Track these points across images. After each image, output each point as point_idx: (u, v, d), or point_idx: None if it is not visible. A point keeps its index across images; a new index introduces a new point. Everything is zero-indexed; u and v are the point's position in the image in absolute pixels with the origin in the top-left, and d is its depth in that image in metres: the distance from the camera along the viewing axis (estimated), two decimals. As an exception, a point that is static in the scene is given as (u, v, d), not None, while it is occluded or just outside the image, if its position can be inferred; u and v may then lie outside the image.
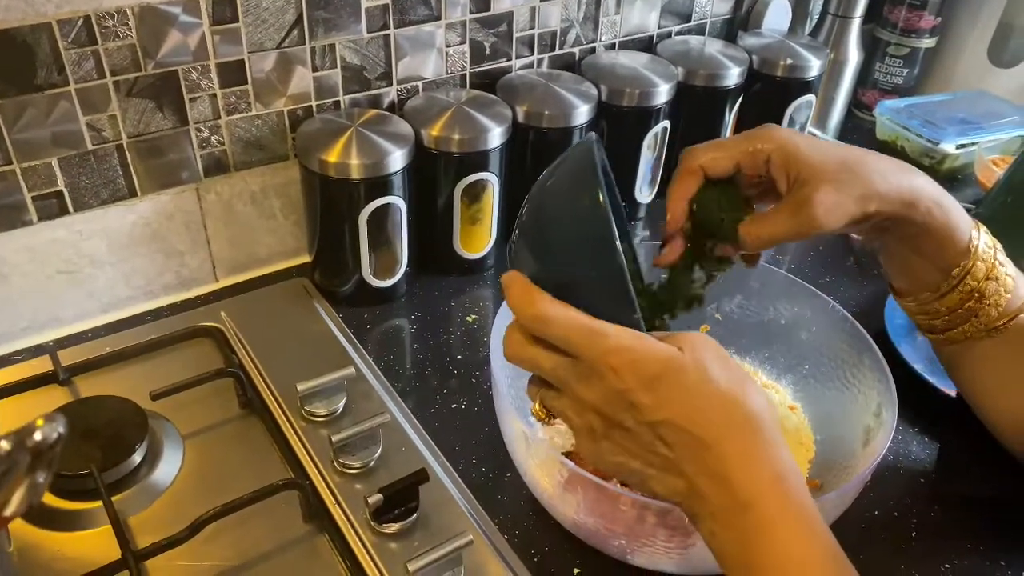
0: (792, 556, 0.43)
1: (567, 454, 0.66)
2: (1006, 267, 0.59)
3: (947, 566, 0.63)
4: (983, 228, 0.60)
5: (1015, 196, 0.92)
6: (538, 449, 0.59)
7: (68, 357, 0.73)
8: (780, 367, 0.75)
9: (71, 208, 0.75)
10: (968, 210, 1.08)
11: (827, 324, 0.69)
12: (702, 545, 0.53)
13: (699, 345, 0.46)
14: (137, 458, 0.64)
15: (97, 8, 0.67)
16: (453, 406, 0.74)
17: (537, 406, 0.51)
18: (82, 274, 0.78)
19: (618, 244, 0.45)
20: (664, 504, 0.54)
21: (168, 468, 0.66)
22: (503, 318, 0.65)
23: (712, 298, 0.75)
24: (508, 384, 0.67)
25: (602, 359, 0.44)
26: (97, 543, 0.60)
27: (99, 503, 0.60)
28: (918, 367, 0.77)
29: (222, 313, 0.80)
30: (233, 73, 0.77)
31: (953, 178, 1.14)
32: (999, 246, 0.60)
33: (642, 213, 1.02)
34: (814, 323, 0.71)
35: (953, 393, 0.75)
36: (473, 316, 0.85)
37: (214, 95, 0.77)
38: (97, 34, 0.68)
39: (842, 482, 0.61)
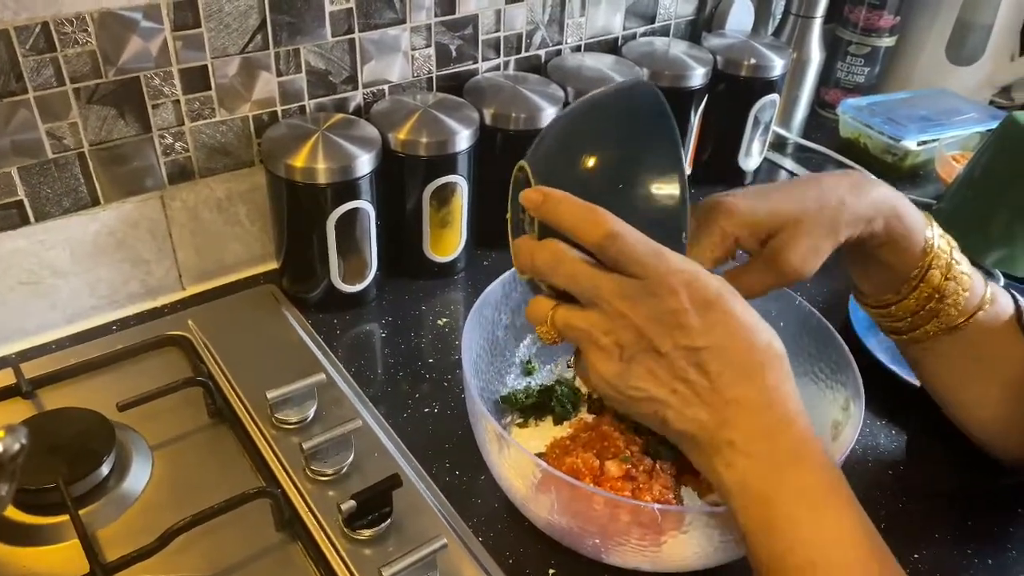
0: (817, 481, 0.45)
1: (540, 455, 0.66)
2: (962, 265, 0.60)
3: (915, 556, 0.64)
4: (937, 228, 0.60)
5: (975, 191, 0.94)
6: (511, 450, 0.59)
7: (32, 369, 0.72)
8: (749, 364, 0.76)
9: (32, 218, 0.73)
10: (929, 206, 1.10)
11: (794, 320, 0.70)
12: (674, 542, 0.53)
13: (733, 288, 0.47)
14: (104, 470, 0.63)
15: (56, 14, 0.66)
16: (425, 410, 0.74)
17: (547, 326, 0.49)
18: (45, 285, 0.76)
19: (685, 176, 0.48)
20: (637, 502, 0.54)
21: (137, 479, 0.65)
22: (474, 322, 0.65)
23: None
24: (480, 387, 0.67)
25: (664, 278, 0.44)
26: (65, 557, 0.59)
27: (66, 517, 0.59)
28: (883, 359, 0.78)
29: (189, 322, 0.80)
30: (196, 79, 0.76)
31: (915, 174, 1.16)
32: (954, 245, 0.61)
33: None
34: (781, 319, 0.72)
35: (918, 383, 0.76)
36: (444, 319, 0.85)
37: (177, 101, 0.76)
38: (56, 40, 0.67)
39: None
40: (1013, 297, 0.62)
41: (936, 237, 0.59)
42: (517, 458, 0.58)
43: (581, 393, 0.72)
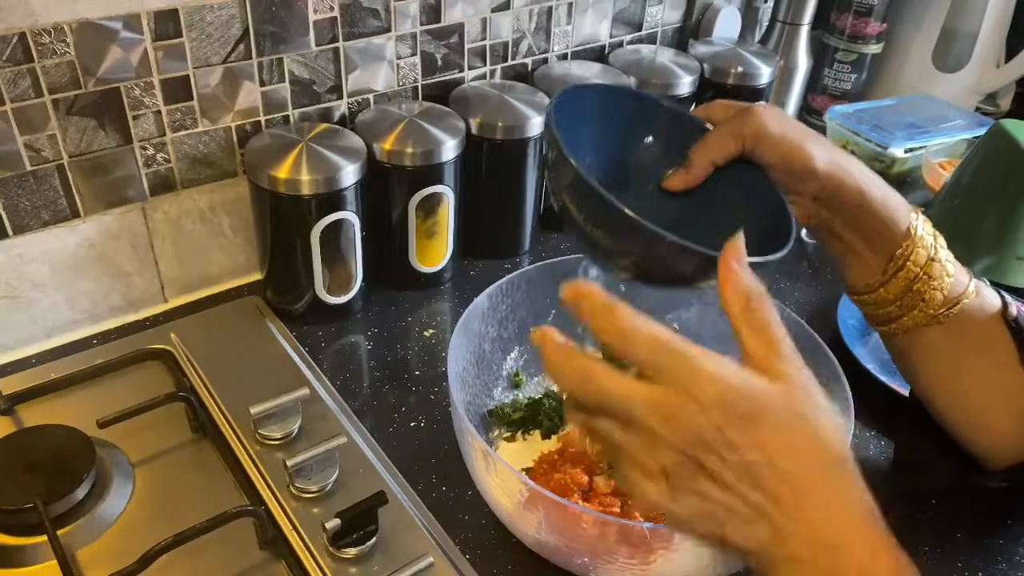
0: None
1: (527, 470, 0.66)
2: (946, 253, 0.61)
3: (906, 569, 0.63)
4: (922, 216, 0.61)
5: (962, 199, 0.94)
6: (498, 468, 0.58)
7: (11, 385, 0.71)
8: (738, 375, 0.75)
9: (10, 231, 0.72)
10: (917, 213, 1.09)
11: (783, 332, 0.70)
12: (664, 561, 0.52)
13: (793, 377, 0.43)
14: (84, 489, 0.62)
15: (32, 25, 0.65)
16: (412, 424, 0.73)
17: (589, 447, 0.46)
18: (24, 298, 0.75)
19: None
20: (626, 521, 0.53)
21: (117, 498, 0.64)
22: (460, 336, 0.64)
23: (669, 308, 0.75)
24: (467, 402, 0.66)
25: (694, 392, 0.40)
26: (43, 580, 0.58)
27: (44, 538, 0.58)
28: (872, 368, 0.78)
29: (172, 335, 0.78)
30: (178, 89, 0.75)
31: (902, 182, 1.15)
32: (939, 236, 0.61)
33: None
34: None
35: (907, 392, 0.76)
36: (431, 331, 0.84)
37: (159, 112, 0.75)
38: (33, 51, 0.66)
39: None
40: (999, 293, 0.62)
41: (920, 223, 0.60)
42: (504, 476, 0.58)
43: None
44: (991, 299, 0.61)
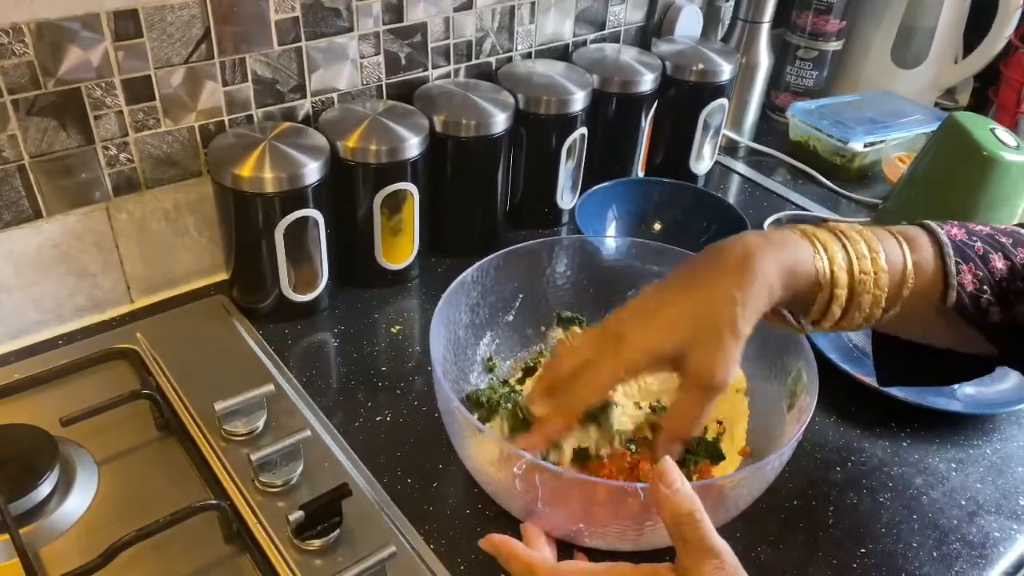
0: None
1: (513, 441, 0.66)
2: (869, 272, 0.55)
3: (863, 550, 0.65)
4: (827, 250, 0.55)
5: (918, 190, 0.96)
6: (487, 442, 0.58)
7: (-27, 386, 0.71)
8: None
9: (-28, 232, 0.72)
10: (875, 205, 1.12)
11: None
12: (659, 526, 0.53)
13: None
14: (46, 487, 0.62)
15: (-10, 25, 0.65)
16: (378, 419, 0.73)
17: None
18: (-14, 300, 0.75)
19: None
20: (623, 484, 0.56)
21: (81, 495, 0.64)
22: (441, 315, 0.67)
23: (633, 285, 0.76)
24: (453, 388, 0.67)
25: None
26: (5, 578, 0.58)
27: (6, 536, 0.58)
28: (833, 357, 0.79)
29: (137, 334, 0.78)
30: (140, 89, 0.75)
31: (863, 175, 1.18)
32: (860, 246, 0.56)
33: (565, 219, 1.03)
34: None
35: (867, 380, 0.77)
36: (397, 327, 0.85)
37: (120, 112, 0.75)
38: (-8, 52, 0.66)
39: (771, 445, 0.65)
40: (943, 264, 0.58)
41: (826, 270, 0.55)
42: (498, 450, 0.58)
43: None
44: (929, 278, 0.57)
